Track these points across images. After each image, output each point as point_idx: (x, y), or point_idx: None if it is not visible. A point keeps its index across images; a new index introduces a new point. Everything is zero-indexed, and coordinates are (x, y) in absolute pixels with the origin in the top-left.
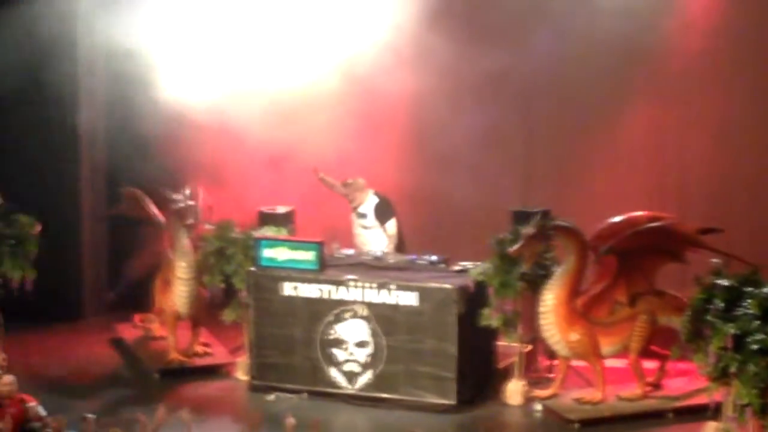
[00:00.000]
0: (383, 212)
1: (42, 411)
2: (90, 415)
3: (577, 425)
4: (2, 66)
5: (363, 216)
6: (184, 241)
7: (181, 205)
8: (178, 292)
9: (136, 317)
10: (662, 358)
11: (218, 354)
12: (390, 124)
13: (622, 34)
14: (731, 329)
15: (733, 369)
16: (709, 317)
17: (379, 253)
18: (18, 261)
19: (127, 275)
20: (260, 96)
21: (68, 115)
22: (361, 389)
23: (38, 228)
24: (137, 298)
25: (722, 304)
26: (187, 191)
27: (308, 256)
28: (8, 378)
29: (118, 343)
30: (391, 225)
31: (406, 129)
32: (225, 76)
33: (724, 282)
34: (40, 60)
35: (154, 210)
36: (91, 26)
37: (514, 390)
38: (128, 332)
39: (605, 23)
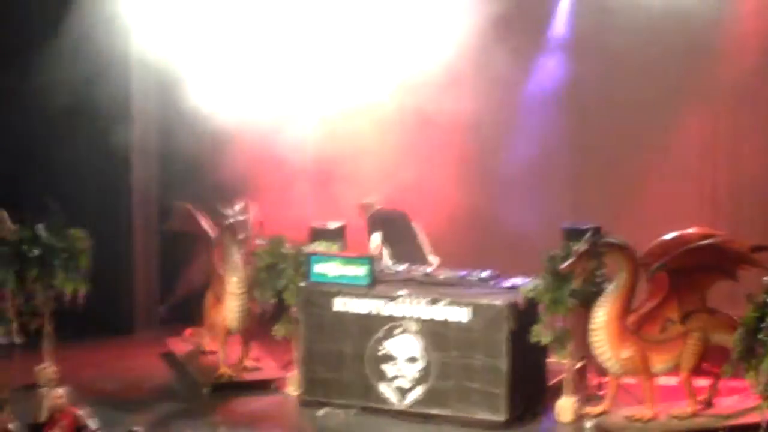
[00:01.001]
0: (370, 226)
1: (93, 424)
2: (137, 428)
3: None
4: (57, 82)
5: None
6: (236, 256)
7: (233, 220)
8: (229, 306)
9: (187, 331)
10: (714, 376)
11: (268, 369)
12: (446, 142)
13: (673, 50)
14: None
15: None
16: (761, 335)
17: (429, 269)
18: (70, 274)
19: (179, 290)
20: (317, 113)
21: (121, 131)
22: (411, 405)
23: (90, 242)
24: (188, 312)
25: None
26: (239, 206)
27: (359, 271)
28: (60, 391)
29: (169, 358)
30: (374, 239)
31: (460, 146)
32: (279, 92)
33: None
34: (93, 77)
35: (205, 225)
36: (143, 44)
37: (564, 407)
38: (179, 346)
39: (658, 40)
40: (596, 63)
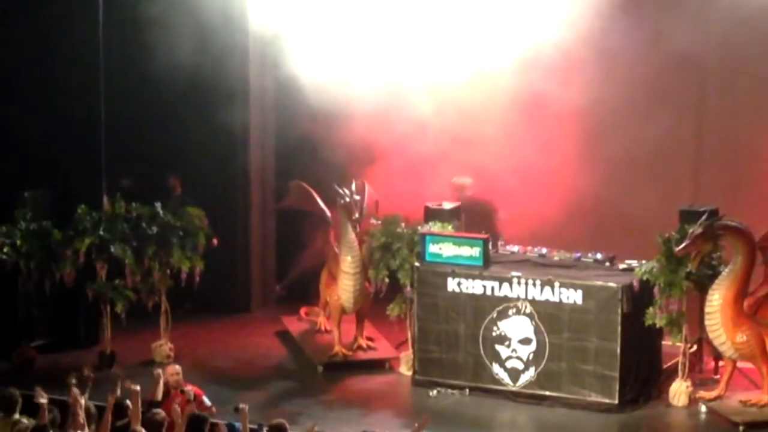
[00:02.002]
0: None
1: (208, 402)
2: (242, 406)
3: (742, 428)
4: (177, 66)
5: None
6: (351, 236)
7: (348, 200)
8: (343, 286)
9: (302, 310)
10: None
11: (382, 348)
12: (563, 124)
13: None
14: None
15: None
16: None
17: (543, 251)
18: (186, 253)
19: (294, 269)
20: (430, 94)
21: (239, 112)
22: (524, 386)
23: (206, 220)
24: (304, 291)
25: None
26: (354, 187)
27: (473, 252)
28: (174, 368)
29: (284, 336)
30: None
31: (576, 127)
32: (393, 73)
33: None
34: (212, 61)
35: (321, 205)
36: (262, 29)
37: (678, 391)
38: (294, 325)
39: None
40: (717, 45)
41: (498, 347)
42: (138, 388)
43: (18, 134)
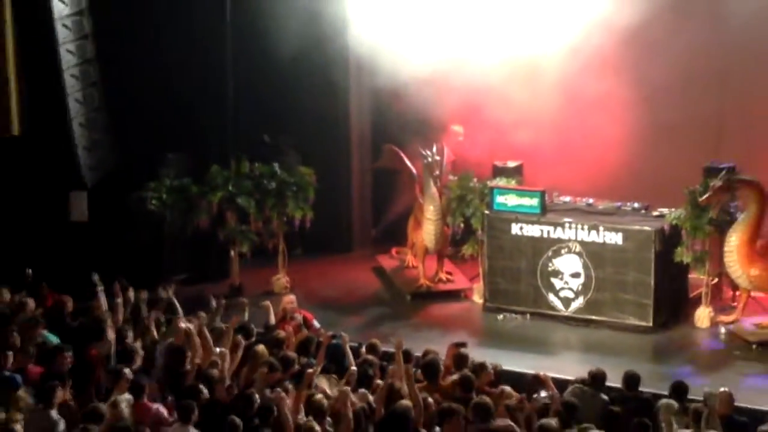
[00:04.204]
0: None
1: (317, 324)
2: (344, 334)
3: (755, 346)
4: (288, 40)
5: None
6: (433, 189)
7: (430, 159)
8: (427, 230)
9: (393, 250)
10: None
11: (458, 281)
12: (609, 103)
13: None
14: None
15: None
16: None
17: (590, 201)
18: (299, 203)
19: (387, 216)
20: (497, 74)
21: (342, 91)
22: (574, 312)
23: (315, 177)
24: (395, 234)
25: None
26: (435, 149)
27: (533, 202)
28: (290, 297)
29: (378, 271)
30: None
31: (622, 101)
32: (467, 59)
33: None
34: (319, 36)
35: (408, 163)
36: (361, 10)
37: (702, 315)
38: (387, 262)
39: None
40: (736, 33)
41: (553, 280)
42: (268, 302)
43: (162, 108)
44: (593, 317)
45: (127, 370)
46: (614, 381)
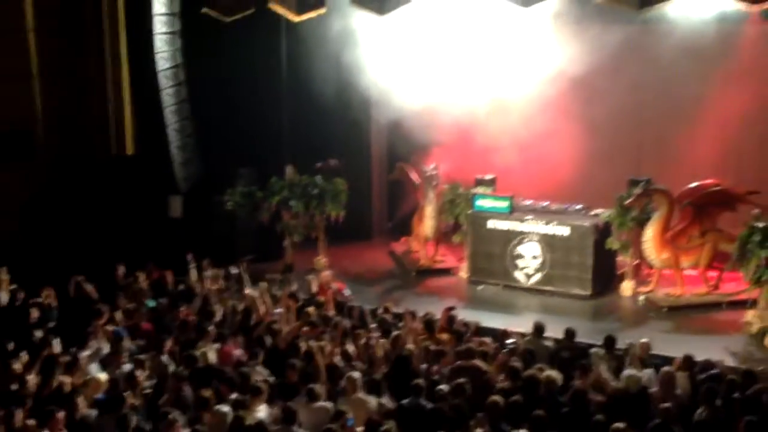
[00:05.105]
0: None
1: (347, 292)
2: (388, 306)
3: (665, 309)
4: (327, 80)
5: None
6: (431, 194)
7: (430, 173)
8: (426, 224)
9: (403, 239)
10: (720, 270)
11: (450, 261)
12: (563, 130)
13: (707, 37)
14: (764, 253)
15: (765, 277)
16: (749, 246)
17: (546, 203)
18: (335, 205)
19: (398, 214)
20: (480, 105)
21: (365, 121)
22: (533, 284)
23: (347, 186)
24: (404, 227)
25: (759, 237)
26: (433, 165)
27: (504, 204)
28: (328, 272)
29: (392, 254)
30: None
31: (572, 129)
32: (458, 92)
33: (761, 224)
34: (347, 76)
35: (414, 176)
36: (376, 55)
37: (626, 287)
38: (398, 247)
39: (692, 30)
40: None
41: (518, 261)
42: (312, 276)
43: (235, 134)
44: (547, 288)
45: (211, 327)
46: (559, 334)
